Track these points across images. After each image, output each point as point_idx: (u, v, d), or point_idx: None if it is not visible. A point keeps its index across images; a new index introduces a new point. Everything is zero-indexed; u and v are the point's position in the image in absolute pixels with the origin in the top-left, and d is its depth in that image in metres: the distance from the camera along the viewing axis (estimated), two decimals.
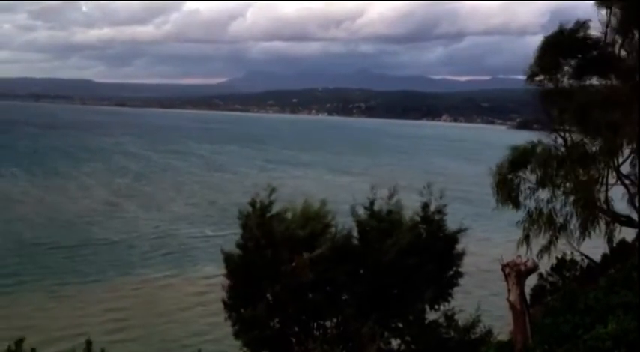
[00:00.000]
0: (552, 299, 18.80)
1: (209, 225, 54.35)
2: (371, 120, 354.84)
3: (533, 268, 12.32)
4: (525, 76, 21.21)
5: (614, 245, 22.17)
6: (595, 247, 23.25)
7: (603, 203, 21.43)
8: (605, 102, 19.46)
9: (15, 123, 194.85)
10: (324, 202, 15.41)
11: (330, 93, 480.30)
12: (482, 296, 24.84)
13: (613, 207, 21.86)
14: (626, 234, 22.64)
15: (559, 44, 20.51)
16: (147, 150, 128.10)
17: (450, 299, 15.01)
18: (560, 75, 21.05)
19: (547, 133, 21.63)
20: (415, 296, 14.47)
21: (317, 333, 14.81)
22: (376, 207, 15.28)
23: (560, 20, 21.04)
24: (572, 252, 22.47)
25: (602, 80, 21.21)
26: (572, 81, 21.11)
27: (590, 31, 20.62)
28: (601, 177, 21.31)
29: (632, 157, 21.48)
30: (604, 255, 22.72)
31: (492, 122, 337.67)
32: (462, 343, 14.31)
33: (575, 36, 20.57)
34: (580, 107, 20.20)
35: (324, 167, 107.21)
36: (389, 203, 15.26)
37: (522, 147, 21.64)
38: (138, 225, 54.89)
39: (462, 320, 14.76)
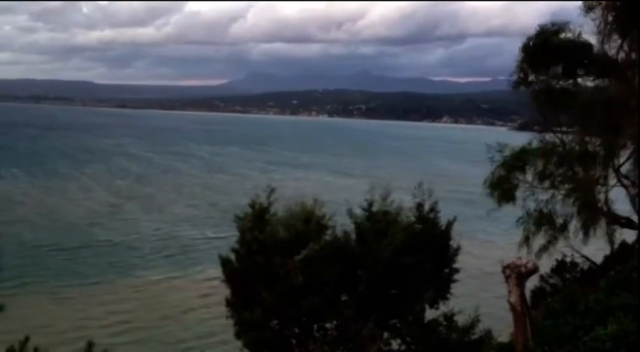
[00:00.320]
0: (553, 301, 18.78)
1: (210, 227, 54.38)
2: (371, 122, 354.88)
3: (534, 269, 12.32)
4: (514, 78, 21.19)
5: (615, 247, 22.13)
6: (597, 249, 23.24)
7: (604, 204, 21.40)
8: (605, 102, 19.44)
9: (15, 125, 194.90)
10: (319, 203, 15.37)
11: (330, 95, 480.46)
12: (485, 299, 24.89)
13: (614, 209, 21.82)
14: (628, 235, 22.63)
15: (547, 45, 20.50)
16: (148, 151, 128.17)
17: (450, 297, 15.02)
18: (550, 76, 21.03)
19: (545, 134, 21.61)
20: (414, 296, 14.48)
21: (317, 335, 14.81)
22: (374, 208, 15.29)
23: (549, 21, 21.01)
24: (573, 254, 22.46)
25: (596, 81, 21.19)
26: (565, 82, 21.09)
27: (576, 33, 20.62)
28: (601, 178, 21.29)
29: (632, 158, 21.44)
30: (605, 257, 22.69)
31: (493, 124, 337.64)
32: (461, 344, 14.31)
33: (560, 37, 20.58)
34: (580, 107, 20.18)
35: (325, 169, 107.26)
36: (386, 204, 15.28)
37: (519, 147, 21.62)
38: (139, 227, 54.93)
39: (461, 320, 14.76)
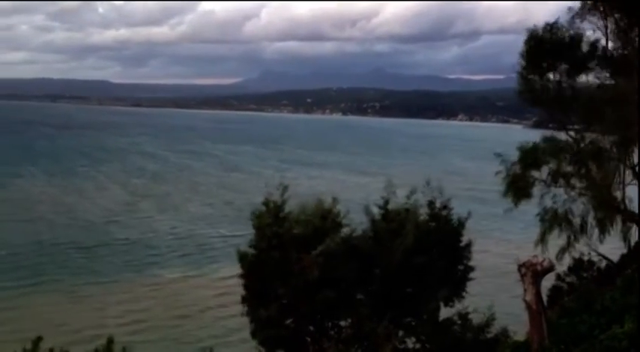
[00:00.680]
0: (569, 300, 18.72)
1: (226, 225, 54.56)
2: (385, 120, 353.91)
3: (550, 268, 12.30)
4: (518, 76, 21.12)
5: (632, 245, 21.99)
6: (613, 247, 23.08)
7: (620, 202, 21.25)
8: (614, 99, 19.33)
9: (32, 124, 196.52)
10: (334, 200, 15.43)
11: (344, 93, 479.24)
12: (501, 297, 24.76)
13: (630, 207, 21.64)
14: None
15: (549, 43, 20.41)
16: (163, 150, 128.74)
17: (465, 295, 14.99)
18: (553, 74, 20.93)
19: (556, 132, 21.49)
20: (429, 295, 14.48)
21: (332, 333, 14.85)
22: (390, 206, 15.30)
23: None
24: (590, 252, 22.30)
25: (600, 78, 21.06)
26: (568, 79, 20.97)
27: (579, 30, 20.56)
28: (617, 176, 21.14)
29: None
30: (622, 256, 22.55)
31: (508, 121, 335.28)
32: (476, 342, 14.29)
33: (561, 36, 20.50)
34: (588, 105, 20.08)
35: (340, 167, 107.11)
36: (407, 202, 15.29)
37: (532, 145, 21.49)
38: (155, 225, 55.24)
39: (476, 319, 14.74)
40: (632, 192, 21.58)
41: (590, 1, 20.31)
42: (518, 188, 21.37)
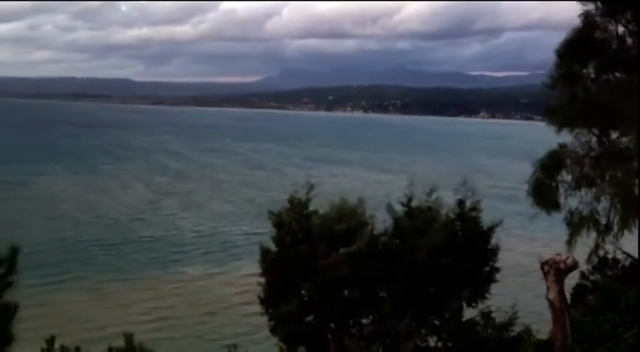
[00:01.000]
0: (593, 298, 18.55)
1: (248, 223, 54.68)
2: (406, 118, 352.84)
3: (573, 266, 12.20)
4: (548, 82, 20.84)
5: None
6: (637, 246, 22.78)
7: None
8: (631, 98, 19.05)
9: (56, 122, 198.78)
10: (360, 199, 15.46)
11: (365, 91, 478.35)
12: (524, 296, 24.57)
13: None
14: None
15: (583, 45, 20.14)
16: (186, 148, 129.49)
17: (488, 296, 14.92)
18: (585, 75, 20.67)
19: (580, 132, 21.21)
20: (451, 294, 14.44)
21: (353, 330, 14.88)
22: (413, 205, 15.27)
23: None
24: (615, 250, 22.07)
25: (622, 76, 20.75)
26: (598, 79, 20.69)
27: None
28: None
29: None
30: None
31: (531, 118, 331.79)
32: (499, 341, 14.24)
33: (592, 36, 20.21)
34: (608, 103, 19.83)
35: (362, 165, 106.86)
36: (427, 200, 15.25)
37: (553, 150, 21.26)
38: (179, 223, 55.58)
39: (499, 318, 14.67)
40: None
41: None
42: (543, 195, 21.16)
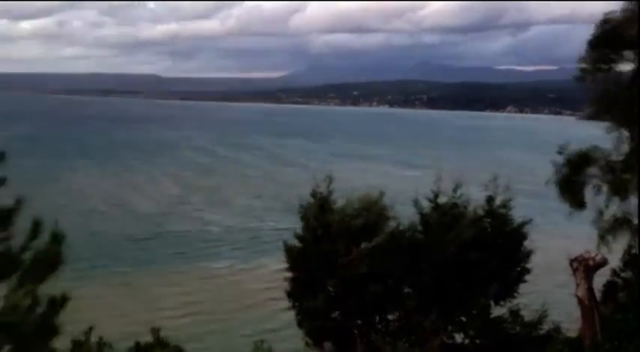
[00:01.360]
0: (623, 295, 18.33)
1: (276, 218, 54.84)
2: (433, 112, 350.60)
3: (602, 263, 12.11)
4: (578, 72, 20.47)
5: None
6: None
7: None
8: None
9: (86, 118, 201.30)
10: (382, 193, 15.38)
11: (391, 86, 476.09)
12: (553, 293, 24.31)
13: None
14: None
15: (617, 35, 19.79)
16: (212, 143, 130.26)
17: (516, 295, 14.79)
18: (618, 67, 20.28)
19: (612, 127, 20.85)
20: (479, 291, 14.35)
21: (379, 326, 14.87)
22: (440, 200, 15.19)
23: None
24: None
25: None
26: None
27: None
28: None
29: None
30: None
31: (560, 113, 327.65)
32: (528, 339, 14.13)
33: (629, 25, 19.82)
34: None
35: (389, 160, 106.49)
36: (454, 196, 15.15)
37: (582, 149, 20.94)
38: (207, 218, 55.97)
39: (528, 315, 14.55)
40: None
41: None
42: (569, 192, 20.89)
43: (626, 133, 20.59)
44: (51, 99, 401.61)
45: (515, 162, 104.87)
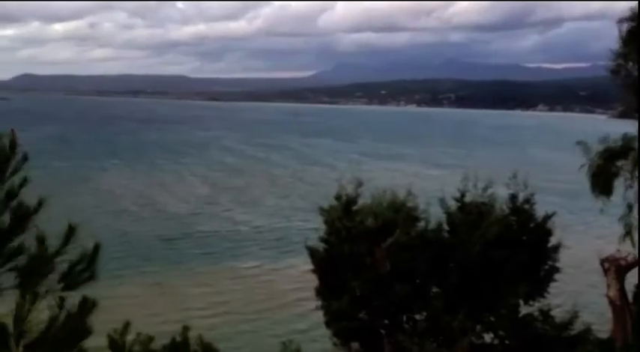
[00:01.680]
0: None
1: (304, 218, 54.71)
2: (461, 111, 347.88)
3: (634, 263, 11.94)
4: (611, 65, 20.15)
5: None
6: None
7: None
8: None
9: (116, 119, 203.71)
10: (409, 193, 15.36)
11: (419, 84, 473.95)
12: (589, 295, 23.95)
13: None
14: None
15: None
16: (240, 143, 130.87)
17: (546, 294, 14.66)
18: None
19: None
20: (507, 290, 14.25)
21: (407, 326, 14.85)
22: (467, 199, 15.13)
23: None
24: None
25: None
26: None
27: None
28: None
29: None
30: None
31: (592, 111, 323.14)
32: (558, 339, 13.99)
33: None
34: None
35: (417, 159, 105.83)
36: (480, 195, 15.08)
37: (613, 142, 20.64)
38: (235, 218, 56.24)
39: (558, 316, 14.40)
40: None
41: None
42: (599, 182, 20.62)
43: None
44: (81, 101, 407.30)
45: (546, 161, 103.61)
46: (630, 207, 20.94)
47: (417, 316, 14.92)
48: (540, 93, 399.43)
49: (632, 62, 19.75)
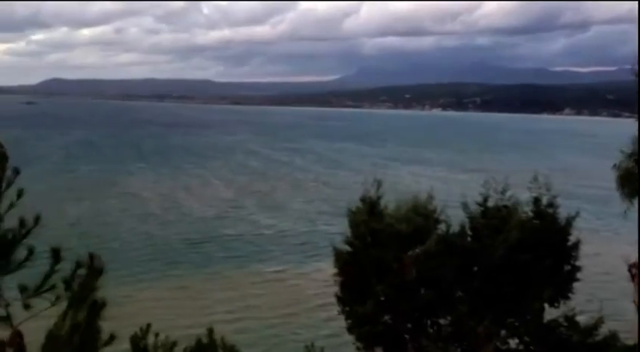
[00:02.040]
0: None
1: (328, 222, 54.60)
2: (487, 115, 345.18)
3: None
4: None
5: None
6: None
7: None
8: None
9: (142, 123, 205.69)
10: (432, 197, 15.33)
11: (443, 88, 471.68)
12: (611, 300, 23.65)
13: None
14: None
15: None
16: (265, 147, 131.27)
17: (571, 296, 14.53)
18: None
19: None
20: (532, 294, 14.16)
21: (431, 331, 14.81)
22: (490, 204, 15.06)
23: None
24: None
25: None
26: None
27: None
28: None
29: None
30: None
31: (619, 115, 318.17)
32: (583, 345, 13.86)
33: None
34: None
35: (443, 164, 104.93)
36: (502, 198, 15.00)
37: None
38: (259, 222, 56.34)
39: (583, 321, 14.28)
40: None
41: None
42: (627, 183, 20.39)
43: None
44: (108, 105, 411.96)
45: (574, 166, 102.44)
46: None
47: (442, 321, 14.85)
48: (567, 97, 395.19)
49: None
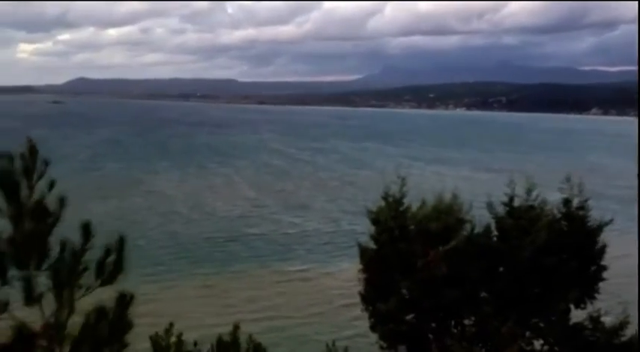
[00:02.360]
0: None
1: (352, 222, 54.56)
2: (513, 115, 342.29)
3: None
4: None
5: None
6: None
7: None
8: None
9: (167, 122, 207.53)
10: (455, 196, 15.27)
11: (468, 88, 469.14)
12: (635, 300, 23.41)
13: None
14: None
15: None
16: (289, 146, 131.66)
17: (597, 297, 14.38)
18: None
19: None
20: (558, 296, 14.04)
21: (455, 331, 14.77)
22: (516, 204, 14.95)
23: None
24: None
25: None
26: None
27: None
28: None
29: None
30: None
31: None
32: (609, 346, 13.72)
33: None
34: None
35: (469, 164, 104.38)
36: (529, 199, 14.87)
37: None
38: (283, 221, 56.54)
39: (608, 322, 14.14)
40: None
41: None
42: None
43: None
44: (134, 104, 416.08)
45: (603, 166, 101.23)
46: None
47: (466, 321, 14.79)
48: (594, 97, 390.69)
49: None
